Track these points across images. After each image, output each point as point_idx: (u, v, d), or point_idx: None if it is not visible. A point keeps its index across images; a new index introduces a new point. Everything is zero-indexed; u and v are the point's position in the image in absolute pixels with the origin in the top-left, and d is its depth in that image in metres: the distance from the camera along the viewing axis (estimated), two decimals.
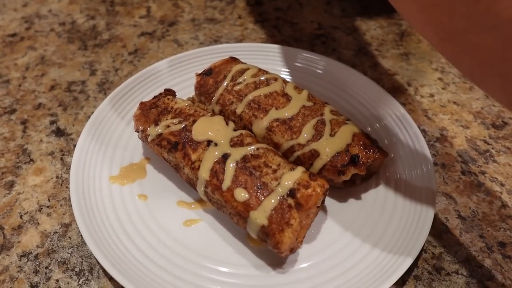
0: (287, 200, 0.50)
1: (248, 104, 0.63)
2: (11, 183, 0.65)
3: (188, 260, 0.54)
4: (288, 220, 0.49)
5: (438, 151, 0.70)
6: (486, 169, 0.67)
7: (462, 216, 0.61)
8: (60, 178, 0.66)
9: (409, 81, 0.83)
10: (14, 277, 0.54)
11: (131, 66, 0.85)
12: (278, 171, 0.53)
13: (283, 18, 0.99)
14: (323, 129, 0.60)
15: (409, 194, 0.60)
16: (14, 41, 0.91)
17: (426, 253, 0.57)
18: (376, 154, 0.58)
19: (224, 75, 0.67)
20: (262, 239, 0.52)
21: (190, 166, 0.56)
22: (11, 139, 0.71)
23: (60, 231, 0.59)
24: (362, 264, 0.53)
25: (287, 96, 0.64)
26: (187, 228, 0.58)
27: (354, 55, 0.89)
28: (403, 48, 0.91)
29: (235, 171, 0.53)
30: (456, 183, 0.65)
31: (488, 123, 0.74)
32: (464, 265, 0.56)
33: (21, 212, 0.61)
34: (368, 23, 0.97)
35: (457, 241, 0.58)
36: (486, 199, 0.63)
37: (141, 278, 0.51)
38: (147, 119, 0.61)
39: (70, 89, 0.80)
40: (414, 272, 0.55)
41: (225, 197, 0.53)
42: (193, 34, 0.93)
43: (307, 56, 0.80)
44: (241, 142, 0.57)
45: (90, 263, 0.56)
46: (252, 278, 0.53)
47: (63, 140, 0.71)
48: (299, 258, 0.55)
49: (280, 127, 0.61)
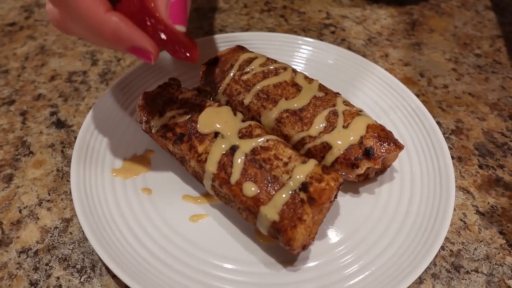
0: (299, 195, 0.48)
1: (256, 95, 0.60)
2: (9, 176, 0.62)
3: (194, 257, 0.52)
4: (301, 216, 0.47)
5: (454, 144, 0.67)
6: (504, 163, 0.64)
7: (480, 211, 0.58)
8: (60, 171, 0.63)
9: (422, 71, 0.80)
10: (13, 274, 0.52)
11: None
12: (289, 164, 0.50)
13: (290, 7, 0.96)
14: (336, 120, 0.57)
15: (426, 189, 0.57)
16: (13, 31, 0.88)
17: (444, 250, 0.54)
18: (391, 147, 0.55)
19: (231, 64, 0.65)
20: (273, 236, 0.49)
21: (196, 158, 0.53)
22: (10, 131, 0.69)
23: (60, 226, 0.57)
24: (376, 263, 0.51)
25: (297, 86, 0.61)
26: (194, 223, 0.55)
27: (365, 45, 0.86)
28: (415, 38, 0.88)
29: (244, 164, 0.51)
30: (473, 177, 0.63)
31: (505, 115, 0.71)
32: (484, 263, 0.53)
33: (20, 206, 0.59)
34: (378, 12, 0.94)
35: (476, 237, 0.56)
36: (506, 193, 0.60)
37: (145, 276, 0.48)
38: (151, 109, 0.59)
39: (71, 80, 0.77)
40: (432, 270, 0.52)
41: (234, 191, 0.50)
42: (197, 23, 0.90)
43: (316, 45, 0.77)
44: (250, 134, 0.54)
45: (92, 260, 0.53)
46: (261, 276, 0.50)
47: (64, 132, 0.68)
48: (311, 256, 0.52)
49: (290, 118, 0.58)
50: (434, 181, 0.57)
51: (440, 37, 0.88)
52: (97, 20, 0.42)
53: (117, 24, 0.42)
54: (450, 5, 0.97)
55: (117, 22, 0.42)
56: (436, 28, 0.91)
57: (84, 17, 0.42)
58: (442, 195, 0.55)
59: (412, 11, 0.95)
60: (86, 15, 0.42)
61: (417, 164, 0.60)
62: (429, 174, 0.58)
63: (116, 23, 0.42)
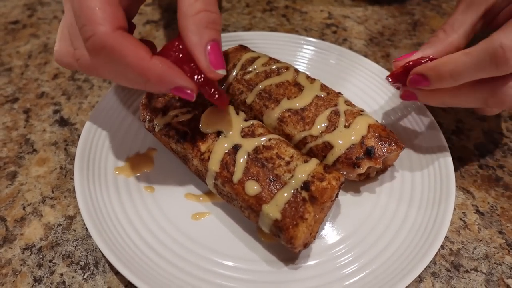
0: (301, 193, 0.48)
1: (258, 94, 0.61)
2: (13, 173, 0.63)
3: (197, 255, 0.52)
4: (303, 214, 0.47)
5: (454, 144, 0.67)
6: (504, 163, 0.65)
7: (480, 211, 0.59)
8: (64, 169, 0.64)
9: None
10: (17, 271, 0.52)
11: None
12: (291, 163, 0.51)
13: (292, 6, 0.96)
14: (337, 120, 0.57)
15: (426, 188, 0.57)
16: (16, 29, 0.89)
17: (443, 249, 0.55)
18: (392, 147, 0.56)
19: (233, 64, 0.65)
20: (275, 234, 0.50)
21: (199, 157, 0.54)
22: (13, 129, 0.69)
23: (64, 223, 0.57)
24: (377, 262, 0.51)
25: (299, 86, 0.61)
26: (196, 221, 0.56)
27: (366, 45, 0.86)
28: (416, 38, 0.88)
29: (247, 163, 0.51)
30: (473, 177, 0.63)
31: (505, 115, 0.72)
32: (483, 262, 0.54)
33: (24, 203, 0.59)
34: (380, 12, 0.95)
35: (475, 237, 0.56)
36: (505, 193, 0.61)
37: (148, 272, 0.49)
38: (155, 108, 0.59)
39: (74, 78, 0.78)
40: (432, 269, 0.53)
41: (236, 190, 0.51)
42: None
43: (318, 45, 0.77)
44: (252, 133, 0.54)
45: (95, 257, 0.54)
46: (263, 274, 0.51)
47: (67, 130, 0.69)
48: (312, 254, 0.53)
49: (292, 118, 0.58)
50: (434, 180, 0.58)
51: None
52: (143, 66, 0.43)
53: (163, 68, 0.44)
54: (451, 5, 0.97)
55: (162, 66, 0.44)
56: (437, 28, 0.91)
57: (130, 64, 0.43)
58: (442, 194, 0.55)
59: (413, 12, 0.95)
60: (132, 62, 0.43)
61: (417, 164, 0.60)
62: (429, 174, 0.59)
63: (161, 67, 0.44)
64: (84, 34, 0.42)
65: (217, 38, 0.46)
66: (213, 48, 0.45)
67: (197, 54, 0.45)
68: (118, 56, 0.43)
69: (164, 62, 0.44)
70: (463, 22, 0.52)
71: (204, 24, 0.44)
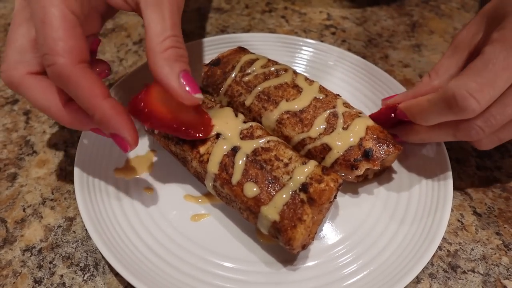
0: (300, 195, 0.49)
1: (257, 96, 0.61)
2: (13, 175, 0.63)
3: (196, 256, 0.53)
4: (301, 216, 0.48)
5: (452, 145, 0.67)
6: (501, 164, 0.65)
7: (477, 212, 0.59)
8: (64, 170, 0.64)
9: (421, 73, 0.81)
10: (17, 272, 0.53)
11: (136, 56, 0.83)
12: (289, 165, 0.51)
13: (291, 8, 0.96)
14: (336, 122, 0.58)
15: (424, 190, 0.58)
16: None
17: (441, 250, 0.55)
18: (390, 148, 0.56)
19: (232, 66, 0.65)
20: (273, 235, 0.50)
21: (198, 159, 0.54)
22: (13, 130, 0.70)
23: (64, 225, 0.58)
24: (375, 263, 0.51)
25: (298, 88, 0.62)
26: (195, 223, 0.56)
27: (365, 46, 0.87)
28: (415, 39, 0.89)
29: (245, 164, 0.52)
30: (471, 178, 0.63)
31: None
32: (481, 263, 0.54)
33: (24, 205, 0.60)
34: (379, 13, 0.95)
35: (473, 238, 0.57)
36: (503, 195, 0.61)
37: (147, 274, 0.49)
38: None
39: None
40: (429, 270, 0.53)
41: (235, 192, 0.51)
42: (199, 23, 0.91)
43: (317, 47, 0.78)
44: (251, 135, 0.55)
45: (95, 258, 0.54)
46: (262, 275, 0.51)
47: (67, 132, 0.69)
48: (310, 255, 0.53)
49: (290, 120, 0.59)
50: (432, 182, 0.58)
51: (439, 38, 0.89)
52: (93, 104, 0.44)
53: (109, 112, 0.45)
54: (450, 6, 0.98)
55: (110, 110, 0.45)
56: (436, 29, 0.91)
57: (82, 98, 0.44)
58: (440, 196, 0.56)
59: (412, 13, 0.96)
60: (84, 97, 0.44)
61: (415, 166, 0.61)
62: (427, 175, 0.59)
63: (108, 111, 0.45)
64: (46, 61, 0.43)
65: (187, 69, 0.47)
66: (185, 77, 0.46)
67: (171, 83, 0.46)
68: (73, 88, 0.44)
69: (114, 107, 0.45)
70: (449, 67, 0.56)
71: (174, 58, 0.46)
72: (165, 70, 0.45)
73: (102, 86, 0.45)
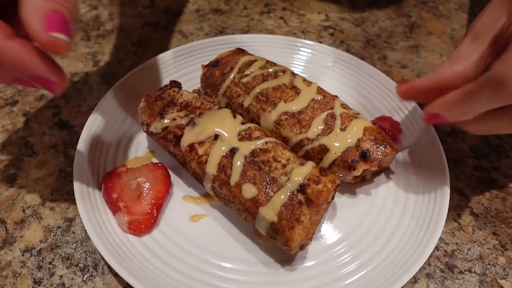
0: (297, 196, 0.49)
1: (255, 97, 0.62)
2: (13, 176, 0.64)
3: (194, 257, 0.53)
4: (299, 217, 0.48)
5: (450, 146, 0.68)
6: (499, 165, 0.66)
7: (475, 212, 0.60)
8: (63, 171, 0.64)
9: (419, 74, 0.81)
10: (17, 273, 0.53)
11: (135, 57, 0.83)
12: (287, 166, 0.52)
13: (290, 9, 0.97)
14: (333, 123, 0.58)
15: (421, 190, 0.58)
16: None
17: (438, 250, 0.56)
18: (387, 149, 0.57)
19: (231, 67, 0.66)
20: (271, 236, 0.51)
21: (197, 160, 0.54)
22: (13, 131, 0.70)
23: (63, 225, 0.58)
24: (372, 263, 0.52)
25: (296, 89, 0.62)
26: (194, 223, 0.57)
27: (363, 47, 0.87)
28: (413, 40, 0.89)
29: (244, 166, 0.52)
30: (468, 179, 0.64)
31: None
32: (477, 263, 0.54)
33: (23, 206, 0.60)
34: (377, 14, 0.95)
35: (470, 238, 0.57)
36: (499, 195, 0.62)
37: (146, 274, 0.49)
38: (153, 111, 0.60)
39: (73, 81, 0.78)
40: (426, 270, 0.54)
41: (233, 193, 0.51)
42: (198, 25, 0.91)
43: (315, 48, 0.78)
44: (249, 136, 0.55)
45: (94, 259, 0.54)
46: (260, 276, 0.52)
47: (66, 133, 0.70)
48: (308, 255, 0.54)
49: (288, 121, 0.59)
50: (429, 182, 0.58)
51: (437, 39, 0.89)
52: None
53: (18, 53, 0.38)
54: (447, 7, 0.98)
55: (18, 52, 0.38)
56: (433, 30, 0.92)
57: None
58: (437, 196, 0.56)
59: (410, 14, 0.96)
60: None
61: (412, 166, 0.61)
62: (424, 176, 0.59)
63: (17, 50, 0.38)
64: None
65: (59, 10, 0.39)
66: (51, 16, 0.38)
67: (29, 19, 0.37)
68: None
69: (24, 46, 0.38)
70: (471, 53, 0.50)
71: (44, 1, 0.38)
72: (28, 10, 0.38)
73: (5, 26, 0.38)
